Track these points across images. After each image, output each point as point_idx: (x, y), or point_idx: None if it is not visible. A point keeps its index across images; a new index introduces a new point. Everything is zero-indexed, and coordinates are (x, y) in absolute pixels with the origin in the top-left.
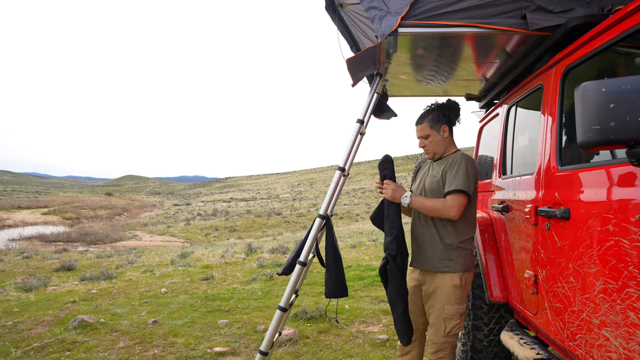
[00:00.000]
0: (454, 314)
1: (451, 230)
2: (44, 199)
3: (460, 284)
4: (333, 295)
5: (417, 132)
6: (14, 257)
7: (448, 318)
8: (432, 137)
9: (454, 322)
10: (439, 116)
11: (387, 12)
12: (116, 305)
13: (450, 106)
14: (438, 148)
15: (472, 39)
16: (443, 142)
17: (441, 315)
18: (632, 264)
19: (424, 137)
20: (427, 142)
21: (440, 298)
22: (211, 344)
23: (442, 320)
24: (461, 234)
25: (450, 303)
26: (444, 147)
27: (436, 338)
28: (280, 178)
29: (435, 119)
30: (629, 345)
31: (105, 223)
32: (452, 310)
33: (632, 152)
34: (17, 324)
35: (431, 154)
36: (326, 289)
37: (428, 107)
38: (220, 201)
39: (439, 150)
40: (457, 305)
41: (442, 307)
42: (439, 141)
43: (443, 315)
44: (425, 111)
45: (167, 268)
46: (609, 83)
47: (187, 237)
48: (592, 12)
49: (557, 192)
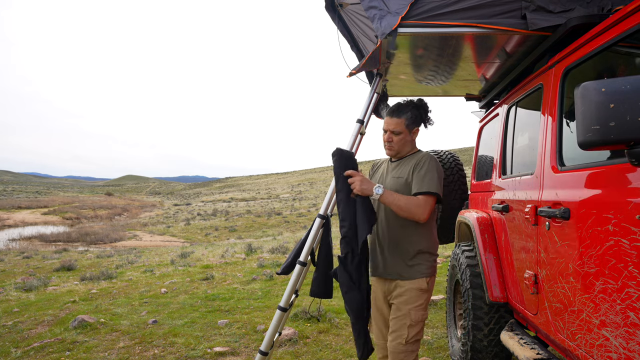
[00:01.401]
0: (419, 320)
1: (418, 234)
2: (44, 199)
3: (427, 288)
4: (317, 294)
5: (389, 125)
6: (14, 257)
7: (412, 324)
8: (403, 136)
9: (416, 328)
10: (417, 117)
11: (387, 12)
12: (116, 305)
13: (426, 109)
14: (404, 147)
15: (472, 39)
16: (410, 143)
17: (405, 321)
18: (632, 264)
19: (394, 133)
20: (396, 138)
21: (407, 303)
22: (211, 344)
23: (406, 327)
24: (426, 238)
25: (416, 308)
26: (409, 147)
27: (398, 347)
28: (280, 178)
29: (413, 119)
30: (629, 345)
31: (105, 223)
32: (418, 316)
33: (632, 152)
34: (17, 323)
35: (394, 151)
36: (311, 287)
37: (405, 102)
38: (220, 201)
39: (403, 149)
40: (423, 311)
41: (407, 313)
42: (408, 142)
43: (408, 321)
44: (403, 106)
45: (167, 268)
46: (609, 83)
47: (187, 237)
48: (592, 12)
49: (557, 192)
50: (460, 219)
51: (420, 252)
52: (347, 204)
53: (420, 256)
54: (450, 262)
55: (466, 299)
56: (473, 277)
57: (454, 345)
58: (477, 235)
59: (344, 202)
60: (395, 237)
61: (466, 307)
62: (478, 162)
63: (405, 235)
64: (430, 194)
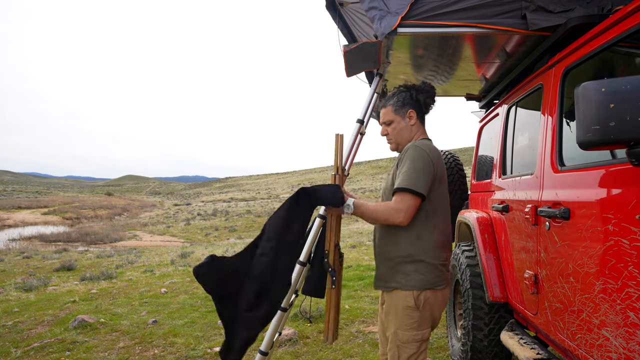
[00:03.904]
0: (409, 340)
1: (405, 239)
2: (44, 199)
3: (416, 305)
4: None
5: (381, 118)
6: (14, 257)
7: (402, 345)
8: (396, 124)
9: (409, 350)
10: (406, 98)
11: (387, 12)
12: (116, 305)
13: (423, 89)
14: (402, 137)
15: (472, 39)
16: (408, 130)
17: (394, 341)
18: (632, 264)
19: (386, 124)
20: (389, 129)
21: (394, 320)
22: (211, 344)
23: (396, 347)
24: (418, 244)
25: (403, 327)
26: (408, 136)
27: None
28: (280, 178)
29: (401, 102)
30: (629, 345)
31: (105, 223)
32: (406, 337)
33: (632, 152)
34: (17, 323)
35: (394, 144)
36: (304, 285)
37: (396, 88)
38: (220, 201)
39: (402, 140)
40: (414, 331)
41: (395, 332)
42: (403, 129)
43: (396, 341)
44: (391, 93)
45: (167, 268)
46: (609, 83)
47: (187, 237)
48: (592, 12)
49: (557, 192)
50: (460, 219)
51: (406, 261)
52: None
53: (407, 266)
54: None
55: (466, 299)
56: (473, 277)
57: (454, 345)
58: (477, 235)
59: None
60: (380, 243)
61: (466, 307)
62: (478, 162)
63: (390, 240)
64: (405, 191)
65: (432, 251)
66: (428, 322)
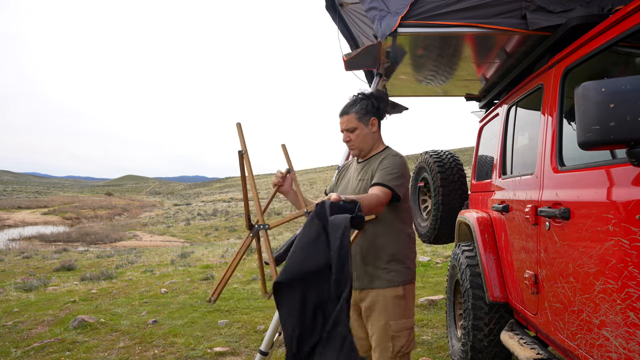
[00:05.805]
0: (401, 329)
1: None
2: (44, 199)
3: (404, 294)
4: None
5: (342, 125)
6: (14, 257)
7: (396, 336)
8: (360, 131)
9: (402, 339)
10: (368, 107)
11: (387, 13)
12: (116, 305)
13: (382, 97)
14: (365, 143)
15: (472, 39)
16: (371, 136)
17: (387, 334)
18: (632, 264)
19: (349, 131)
20: (352, 136)
21: (383, 314)
22: (211, 344)
23: (389, 339)
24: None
25: (394, 317)
26: (372, 142)
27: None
28: None
29: (364, 110)
30: (629, 345)
31: (105, 223)
32: (398, 326)
33: (632, 152)
34: (17, 324)
35: (357, 150)
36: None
37: (354, 96)
38: (221, 201)
39: (365, 146)
40: (404, 319)
41: (385, 324)
42: (367, 135)
43: (389, 333)
44: (352, 100)
45: (167, 268)
46: (609, 83)
47: (187, 237)
48: (592, 12)
49: (557, 192)
50: (460, 219)
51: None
52: None
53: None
54: (450, 262)
55: (466, 299)
56: (473, 277)
57: (454, 345)
58: (477, 235)
59: None
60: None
61: (466, 307)
62: (478, 162)
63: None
64: (384, 186)
65: (407, 250)
66: (412, 311)
